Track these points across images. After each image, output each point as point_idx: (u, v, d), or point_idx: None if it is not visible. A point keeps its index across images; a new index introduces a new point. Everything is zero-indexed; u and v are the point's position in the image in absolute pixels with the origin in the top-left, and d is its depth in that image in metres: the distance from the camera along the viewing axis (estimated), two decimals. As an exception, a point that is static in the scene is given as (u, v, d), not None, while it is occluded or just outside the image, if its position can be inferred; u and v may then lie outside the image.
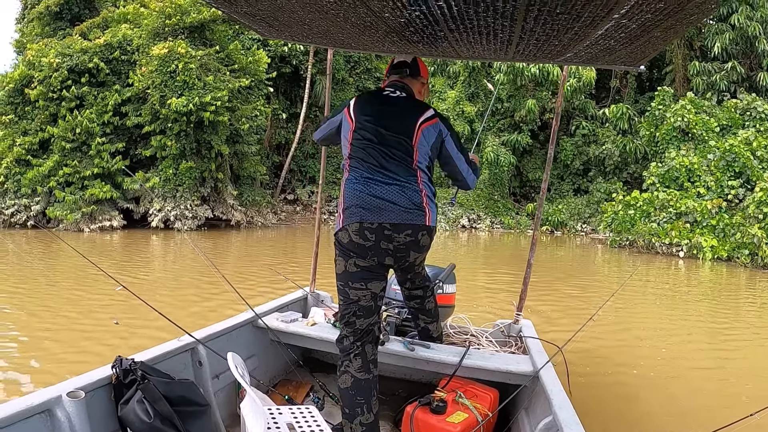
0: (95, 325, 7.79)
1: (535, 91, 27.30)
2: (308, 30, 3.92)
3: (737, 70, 24.46)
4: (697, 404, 5.94)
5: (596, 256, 18.80)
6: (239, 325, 4.12)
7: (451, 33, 3.57)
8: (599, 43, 3.49)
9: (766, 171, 19.00)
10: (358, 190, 3.37)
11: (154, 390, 2.82)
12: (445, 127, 3.55)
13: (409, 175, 3.41)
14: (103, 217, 19.24)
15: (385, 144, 3.43)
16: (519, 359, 4.03)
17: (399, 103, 3.57)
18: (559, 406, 3.13)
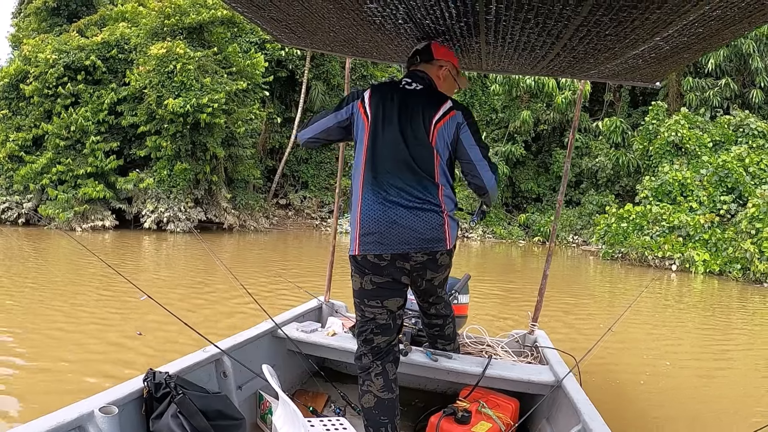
0: (100, 328, 7.79)
1: (529, 103, 27.45)
2: (333, 38, 3.94)
3: (730, 86, 24.66)
4: (709, 412, 6.05)
5: (589, 268, 18.87)
6: (260, 335, 4.08)
7: (486, 45, 3.60)
8: (628, 61, 3.54)
9: (758, 187, 19.13)
10: (376, 216, 3.15)
11: (191, 404, 2.76)
12: (463, 116, 3.26)
13: (430, 192, 3.17)
14: (95, 217, 19.10)
15: (409, 154, 3.18)
16: (540, 369, 4.06)
17: (416, 99, 3.29)
18: (588, 416, 3.16)
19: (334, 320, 4.65)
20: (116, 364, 6.11)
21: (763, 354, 9.13)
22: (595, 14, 2.67)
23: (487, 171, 3.31)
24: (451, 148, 3.23)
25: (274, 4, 3.17)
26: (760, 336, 10.55)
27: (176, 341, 6.93)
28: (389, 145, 3.19)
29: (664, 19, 2.62)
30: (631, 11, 2.57)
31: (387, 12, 3.10)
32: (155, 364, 3.05)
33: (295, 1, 3.03)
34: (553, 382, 3.80)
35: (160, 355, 6.45)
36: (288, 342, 4.25)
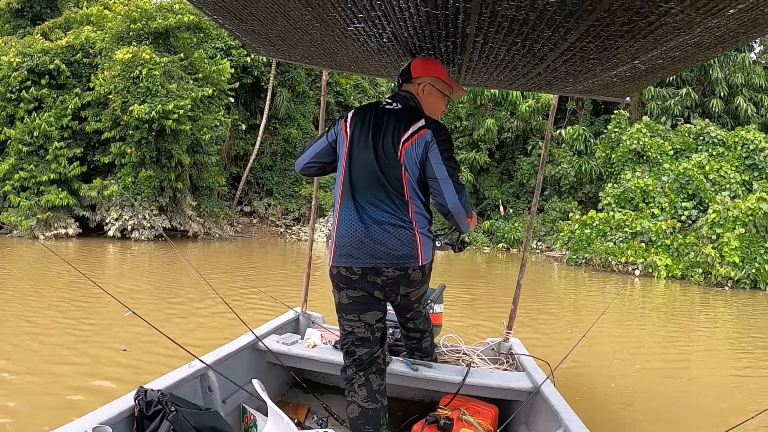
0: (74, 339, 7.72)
1: (494, 111, 27.71)
2: (312, 51, 3.98)
3: (691, 96, 25.21)
4: (678, 411, 6.23)
5: (554, 274, 19.10)
6: (242, 349, 4.11)
7: (469, 62, 3.68)
8: (605, 79, 3.66)
9: (718, 194, 19.58)
10: (349, 231, 3.24)
11: (185, 421, 2.75)
12: (434, 135, 3.23)
13: (400, 209, 3.23)
14: (58, 225, 18.80)
15: (380, 171, 3.25)
16: (517, 376, 4.18)
17: (390, 117, 3.33)
18: (568, 419, 3.28)
19: (313, 332, 4.69)
20: (97, 377, 6.06)
21: (726, 354, 9.43)
22: (582, 41, 2.77)
23: (450, 190, 3.24)
24: (420, 166, 3.23)
25: (258, 19, 3.19)
26: (721, 337, 10.83)
27: (153, 351, 6.91)
28: (363, 163, 3.26)
29: (646, 47, 2.73)
30: (617, 40, 2.68)
31: (373, 31, 3.16)
32: (136, 377, 3.04)
33: (280, 16, 3.05)
34: (531, 388, 3.91)
35: (140, 366, 6.43)
36: (268, 354, 4.27)
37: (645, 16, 2.34)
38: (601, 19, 2.44)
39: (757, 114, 25.39)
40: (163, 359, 6.56)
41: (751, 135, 21.45)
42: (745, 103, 25.13)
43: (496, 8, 2.46)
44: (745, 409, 6.29)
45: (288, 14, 2.98)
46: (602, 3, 2.24)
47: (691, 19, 2.28)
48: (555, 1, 2.28)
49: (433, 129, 3.24)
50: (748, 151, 21.23)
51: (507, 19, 2.60)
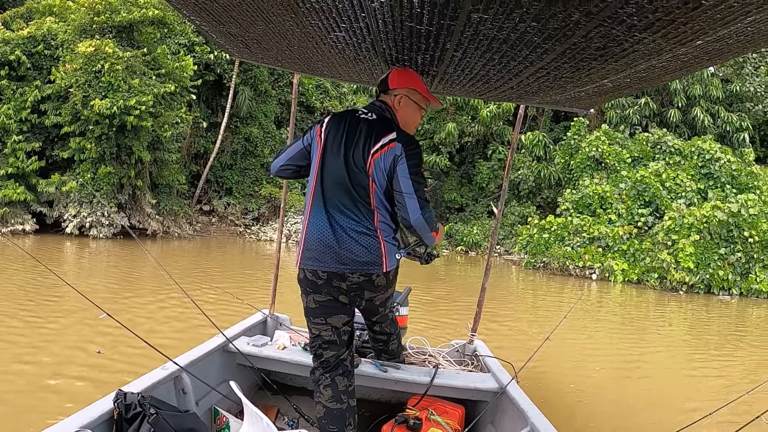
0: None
1: (455, 115, 27.91)
2: (287, 56, 4.03)
3: (650, 105, 25.83)
4: (636, 408, 6.52)
5: (512, 277, 19.36)
6: (213, 351, 4.13)
7: (444, 74, 3.76)
8: (572, 94, 3.77)
9: (674, 201, 20.08)
10: (317, 236, 3.28)
11: (165, 424, 2.78)
12: (404, 149, 3.26)
13: (366, 218, 3.28)
14: (15, 221, 18.34)
15: (348, 180, 3.29)
16: (483, 377, 4.31)
17: (364, 128, 3.36)
18: (535, 418, 3.42)
19: (281, 333, 4.74)
20: (64, 377, 6.03)
21: (679, 354, 9.75)
22: (557, 61, 2.87)
23: (414, 205, 3.26)
24: (387, 178, 3.27)
25: (237, 21, 3.22)
26: (676, 339, 11.14)
27: (121, 351, 6.88)
28: (333, 171, 3.31)
29: (617, 69, 2.86)
30: (591, 62, 2.80)
31: (353, 40, 3.22)
32: (104, 377, 3.05)
33: (261, 20, 3.08)
34: (496, 388, 4.06)
35: (109, 366, 6.40)
36: (238, 356, 4.32)
37: (619, 43, 2.44)
38: (578, 44, 2.54)
39: (714, 125, 26.05)
40: (133, 358, 6.56)
41: (707, 145, 22.03)
42: (702, 114, 25.77)
43: (479, 27, 2.53)
44: (694, 406, 6.50)
45: (269, 19, 3.02)
46: (581, 29, 2.33)
47: (662, 48, 2.40)
48: (537, 24, 2.36)
49: (403, 143, 3.27)
50: (703, 160, 21.79)
51: (488, 38, 2.68)
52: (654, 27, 2.16)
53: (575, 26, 2.31)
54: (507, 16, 2.33)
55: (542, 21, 2.32)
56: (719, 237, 17.79)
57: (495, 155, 27.73)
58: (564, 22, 2.29)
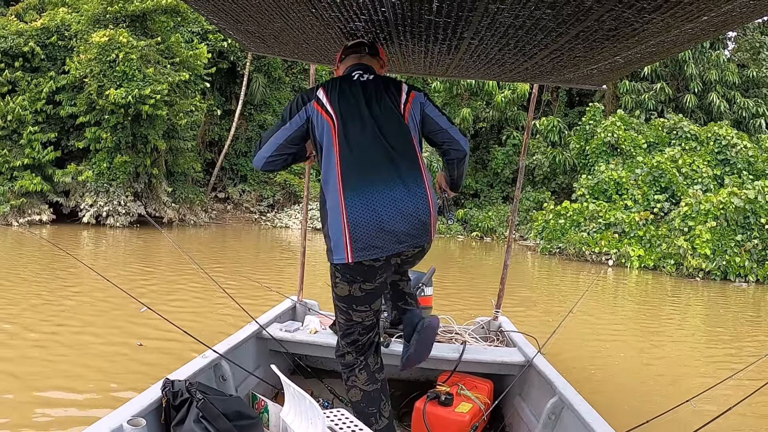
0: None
1: (470, 100, 27.81)
2: (304, 48, 4.05)
3: (665, 91, 25.60)
4: (652, 386, 6.62)
5: (528, 262, 19.37)
6: (248, 338, 4.25)
7: (460, 61, 3.77)
8: (585, 72, 3.77)
9: (690, 187, 19.95)
10: (365, 221, 2.96)
11: (213, 408, 2.84)
12: (424, 95, 3.30)
13: (414, 179, 3.07)
14: (32, 211, 18.49)
15: (386, 141, 3.07)
16: (510, 351, 4.47)
17: (377, 87, 3.20)
18: (562, 388, 3.51)
19: (312, 318, 4.83)
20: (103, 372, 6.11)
21: (695, 338, 9.78)
22: (571, 43, 2.89)
23: (459, 134, 3.39)
24: (419, 127, 3.25)
25: (255, 20, 3.24)
26: (691, 325, 11.15)
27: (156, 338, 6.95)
28: (364, 139, 3.06)
29: (629, 46, 2.87)
30: (603, 42, 2.81)
31: (372, 30, 3.23)
32: (146, 369, 3.10)
33: (279, 17, 3.10)
34: (523, 362, 4.18)
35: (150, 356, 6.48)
36: (271, 342, 4.44)
37: (630, 24, 2.48)
38: (591, 26, 2.58)
39: (730, 110, 25.81)
40: (169, 345, 6.66)
41: (724, 131, 21.87)
42: (719, 99, 25.52)
43: (496, 17, 2.55)
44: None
45: (288, 15, 3.03)
46: (593, 14, 2.37)
47: (670, 25, 2.45)
48: (551, 11, 2.39)
49: (418, 90, 3.32)
50: (720, 146, 21.64)
51: (504, 25, 2.70)
52: (662, 8, 2.22)
53: (588, 11, 2.35)
54: (523, 4, 2.37)
55: (556, 8, 2.36)
56: (736, 223, 17.66)
57: (510, 140, 27.61)
58: (577, 8, 2.34)
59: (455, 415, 3.80)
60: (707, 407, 3.98)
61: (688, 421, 2.48)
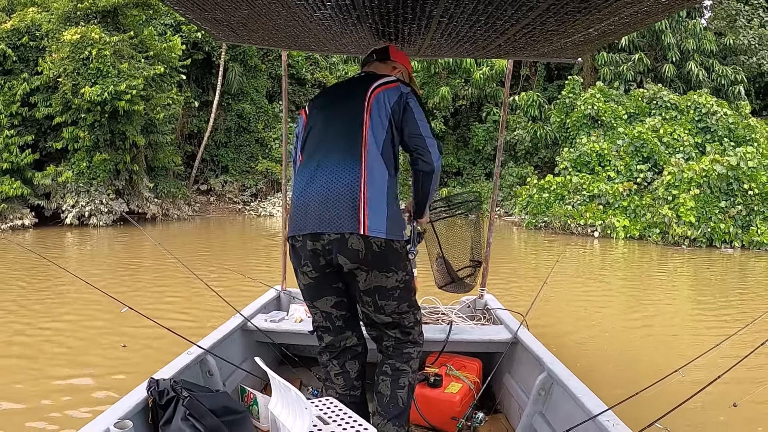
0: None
1: (448, 79, 27.75)
2: (273, 35, 4.00)
3: (644, 61, 25.68)
4: (641, 357, 6.72)
5: (514, 237, 19.42)
6: (233, 331, 4.18)
7: (432, 40, 3.73)
8: (559, 44, 3.74)
9: (672, 156, 20.04)
10: (297, 199, 2.98)
11: (199, 405, 2.81)
12: (409, 89, 3.03)
13: (348, 160, 2.88)
14: (13, 216, 18.13)
15: (331, 125, 3.04)
16: (496, 329, 4.44)
17: (357, 83, 3.13)
18: (550, 363, 3.48)
19: (297, 307, 4.78)
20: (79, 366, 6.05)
21: (684, 306, 9.83)
22: (543, 17, 2.85)
23: (435, 147, 3.00)
24: (393, 118, 2.96)
25: (220, 7, 3.20)
26: (679, 292, 11.22)
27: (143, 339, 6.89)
28: (320, 124, 3.10)
29: (601, 18, 2.84)
30: (575, 15, 2.77)
31: (339, 17, 3.18)
32: (134, 370, 3.06)
33: (245, 4, 3.06)
34: (510, 338, 4.16)
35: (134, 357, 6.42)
36: (257, 333, 4.39)
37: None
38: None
39: (709, 79, 25.92)
40: (155, 343, 6.59)
41: (703, 99, 21.97)
42: (697, 68, 25.62)
43: None
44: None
45: (253, 2, 2.98)
46: None
47: None
48: None
49: (403, 84, 3.05)
50: (700, 114, 21.75)
51: (473, 1, 2.64)
52: None
53: None
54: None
55: None
56: (719, 190, 17.75)
57: (490, 117, 27.60)
58: None
59: (445, 396, 3.82)
60: (697, 375, 3.98)
61: (676, 390, 2.46)
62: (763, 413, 5.19)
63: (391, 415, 3.01)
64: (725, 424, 4.98)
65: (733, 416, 4.97)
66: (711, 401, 5.08)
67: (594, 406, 2.84)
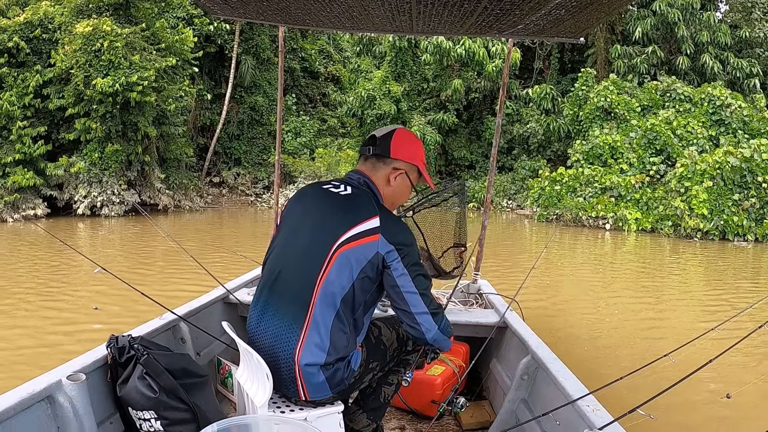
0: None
1: (461, 71, 27.63)
2: (266, 6, 3.95)
3: (657, 53, 25.42)
4: (654, 346, 6.49)
5: (525, 230, 19.37)
6: (213, 302, 4.14)
7: (417, 5, 3.66)
8: (552, 13, 3.66)
9: (685, 148, 19.84)
10: (249, 325, 2.63)
11: (156, 364, 2.72)
12: (394, 246, 2.42)
13: (294, 318, 2.45)
14: (26, 206, 18.32)
15: (292, 264, 2.53)
16: (485, 313, 4.31)
17: (333, 205, 2.55)
18: (536, 347, 3.37)
19: None
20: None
21: (693, 297, 9.74)
22: None
23: (429, 325, 2.49)
24: (363, 286, 2.45)
25: None
26: (690, 284, 11.10)
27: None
28: (279, 260, 2.60)
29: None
30: None
31: None
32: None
33: None
34: (498, 322, 4.01)
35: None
36: (240, 307, 4.33)
37: None
38: None
39: (723, 71, 25.63)
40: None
41: (718, 91, 21.76)
42: (711, 60, 25.34)
43: None
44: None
45: None
46: None
47: None
48: None
49: (390, 234, 2.44)
50: (714, 107, 21.54)
51: None
52: None
53: None
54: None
55: None
56: (732, 183, 17.61)
57: (503, 110, 27.44)
58: None
59: (426, 378, 3.74)
60: (695, 364, 3.92)
61: (670, 378, 2.40)
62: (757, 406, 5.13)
63: (368, 408, 2.90)
64: (719, 418, 4.93)
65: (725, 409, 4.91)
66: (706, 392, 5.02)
67: (576, 390, 2.72)
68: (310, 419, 2.49)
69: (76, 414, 2.56)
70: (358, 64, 30.97)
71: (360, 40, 28.23)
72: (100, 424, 2.73)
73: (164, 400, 2.69)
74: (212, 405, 2.96)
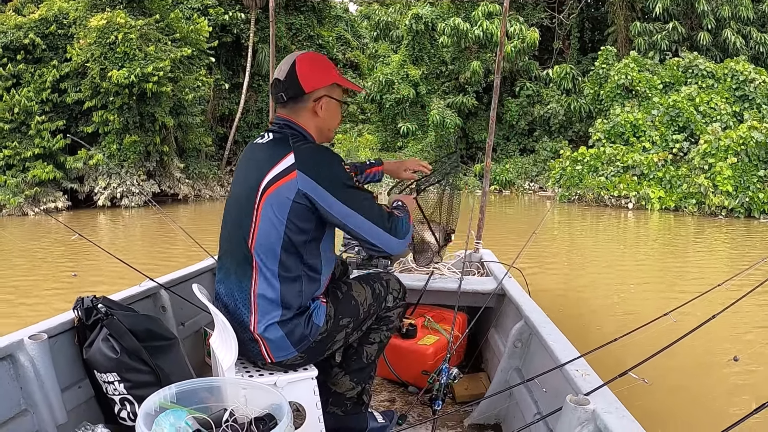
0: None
1: (479, 53, 27.36)
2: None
3: (678, 30, 24.86)
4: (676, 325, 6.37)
5: (547, 210, 19.17)
6: (201, 272, 4.00)
7: None
8: None
9: (709, 125, 19.44)
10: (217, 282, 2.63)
11: (119, 324, 2.65)
12: (313, 179, 2.31)
13: (242, 276, 2.44)
14: (47, 199, 18.49)
15: (230, 222, 2.55)
16: (483, 280, 4.18)
17: (258, 156, 2.48)
18: (530, 312, 3.20)
19: None
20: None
21: (717, 274, 9.57)
22: None
23: (386, 240, 2.42)
24: (295, 225, 2.35)
25: None
26: (716, 262, 10.91)
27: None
28: (226, 215, 2.61)
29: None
30: None
31: None
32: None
33: None
34: (496, 289, 3.87)
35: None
36: None
37: None
38: None
39: (746, 47, 24.99)
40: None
41: (741, 66, 21.24)
42: (733, 35, 24.70)
43: None
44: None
45: None
46: None
47: None
48: None
49: (305, 166, 2.33)
50: (738, 82, 21.05)
51: None
52: None
53: None
54: None
55: None
56: (757, 158, 17.26)
57: (523, 92, 27.19)
58: None
59: (417, 347, 3.64)
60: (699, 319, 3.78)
61: (670, 338, 2.27)
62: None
63: (351, 369, 2.81)
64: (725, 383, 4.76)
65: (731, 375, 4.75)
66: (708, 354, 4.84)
67: (566, 354, 2.56)
68: (280, 384, 2.42)
69: (37, 374, 2.53)
70: (375, 49, 30.78)
71: (377, 25, 28.05)
72: (68, 387, 2.71)
73: (125, 362, 2.64)
74: (180, 368, 2.86)
